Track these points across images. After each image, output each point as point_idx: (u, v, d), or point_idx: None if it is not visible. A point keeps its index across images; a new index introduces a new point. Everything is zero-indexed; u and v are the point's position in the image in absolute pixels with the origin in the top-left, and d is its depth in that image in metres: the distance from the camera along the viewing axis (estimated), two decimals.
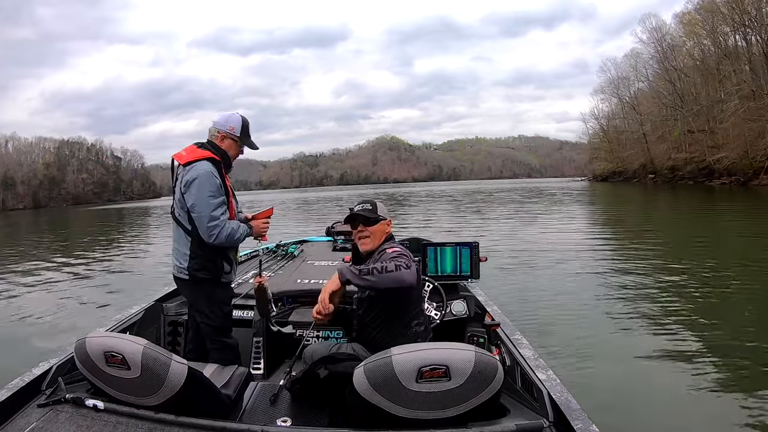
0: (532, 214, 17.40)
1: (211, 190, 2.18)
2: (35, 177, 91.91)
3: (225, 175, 2.29)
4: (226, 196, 2.26)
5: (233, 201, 2.34)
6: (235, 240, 2.27)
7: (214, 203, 2.18)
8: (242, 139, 2.33)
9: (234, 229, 2.24)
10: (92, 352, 1.49)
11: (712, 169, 35.58)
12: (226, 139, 2.30)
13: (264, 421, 1.72)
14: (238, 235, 2.26)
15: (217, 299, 2.36)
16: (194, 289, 2.34)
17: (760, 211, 15.77)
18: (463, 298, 2.76)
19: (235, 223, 2.28)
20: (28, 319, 5.50)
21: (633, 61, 49.86)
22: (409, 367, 1.34)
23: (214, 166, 2.22)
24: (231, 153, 2.32)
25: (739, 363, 3.47)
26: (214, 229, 2.18)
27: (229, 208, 2.28)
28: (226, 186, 2.28)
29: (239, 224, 2.30)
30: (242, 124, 2.32)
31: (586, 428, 1.39)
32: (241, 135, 2.32)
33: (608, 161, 56.39)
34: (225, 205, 2.24)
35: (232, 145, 2.32)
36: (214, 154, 2.25)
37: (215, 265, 2.29)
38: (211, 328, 2.35)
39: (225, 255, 2.32)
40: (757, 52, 32.81)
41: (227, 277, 2.37)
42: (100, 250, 12.58)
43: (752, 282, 5.88)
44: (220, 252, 2.29)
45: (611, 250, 8.92)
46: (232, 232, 2.22)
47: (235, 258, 2.42)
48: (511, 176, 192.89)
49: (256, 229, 2.39)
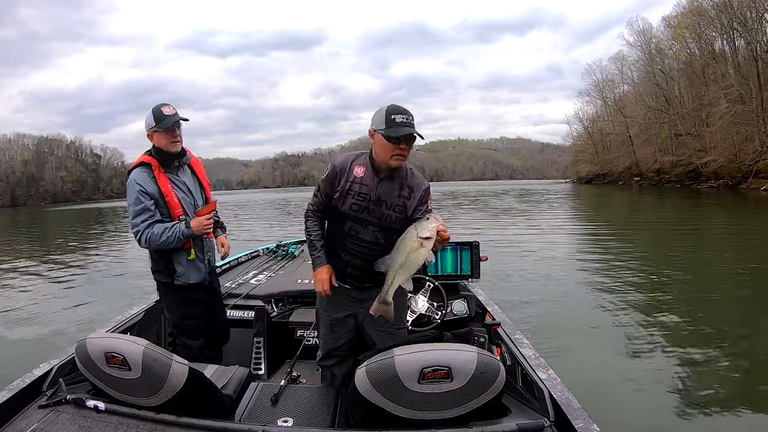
0: (526, 214, 17.63)
1: (131, 199, 2.22)
2: (13, 174, 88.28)
3: (162, 174, 2.26)
4: (162, 197, 2.24)
5: (174, 200, 2.25)
6: (164, 243, 2.22)
7: (133, 211, 2.21)
8: (159, 125, 2.22)
9: (156, 233, 2.20)
10: (93, 353, 1.48)
11: (700, 173, 35.58)
12: (153, 136, 2.26)
13: (265, 422, 1.71)
14: (164, 238, 2.21)
15: (170, 300, 2.38)
16: (158, 290, 2.42)
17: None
18: (463, 298, 2.74)
19: (160, 227, 2.21)
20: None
21: (619, 63, 49.99)
22: (411, 368, 1.34)
23: (143, 170, 2.24)
24: (162, 144, 2.25)
25: (740, 364, 3.48)
26: (136, 236, 2.22)
27: (170, 207, 2.25)
28: (159, 186, 2.24)
29: (165, 227, 2.21)
30: (153, 113, 2.24)
31: (587, 427, 1.39)
32: (156, 123, 2.23)
33: (593, 163, 56.50)
34: (148, 211, 2.21)
35: (158, 138, 2.25)
36: (149, 155, 2.26)
37: (167, 268, 2.31)
38: (172, 326, 2.47)
39: (176, 257, 2.30)
40: (746, 56, 32.76)
41: (180, 279, 2.32)
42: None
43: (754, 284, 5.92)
44: (167, 254, 2.29)
45: (610, 249, 8.85)
46: (154, 237, 2.20)
47: (195, 259, 2.32)
48: (493, 177, 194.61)
49: (198, 227, 2.26)
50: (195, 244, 2.32)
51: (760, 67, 31.28)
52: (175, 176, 2.30)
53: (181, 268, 2.31)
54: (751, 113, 31.49)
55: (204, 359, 2.28)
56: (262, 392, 1.92)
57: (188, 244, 2.29)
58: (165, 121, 2.21)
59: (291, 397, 1.87)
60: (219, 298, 2.64)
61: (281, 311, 2.90)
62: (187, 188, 2.33)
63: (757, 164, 29.58)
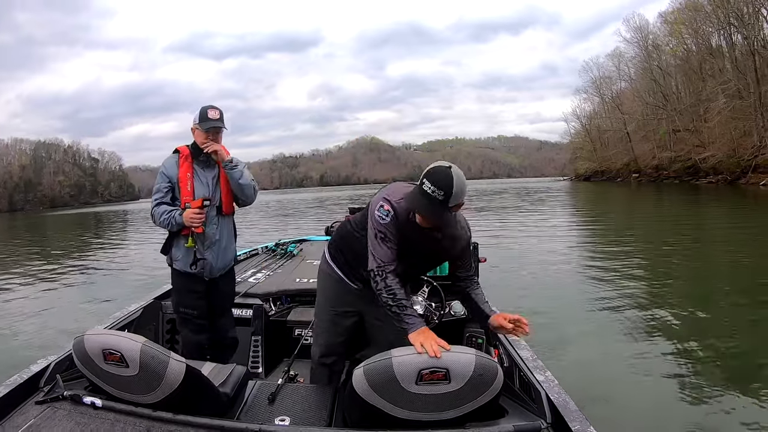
0: (525, 213, 17.57)
1: (157, 180, 2.45)
2: (11, 179, 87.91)
3: (186, 162, 2.42)
4: (178, 183, 2.40)
5: (187, 188, 2.40)
6: (162, 224, 2.39)
7: (153, 189, 2.45)
8: (200, 124, 2.41)
9: (158, 213, 2.39)
10: (90, 350, 1.48)
11: (698, 168, 35.58)
12: (194, 131, 2.44)
13: (262, 420, 1.70)
14: (162, 219, 2.38)
15: (173, 282, 2.53)
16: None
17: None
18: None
19: (164, 208, 2.39)
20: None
21: (616, 60, 50.01)
22: (409, 370, 1.34)
23: (173, 155, 2.45)
24: (199, 141, 2.43)
25: (741, 364, 3.45)
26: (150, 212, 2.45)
27: (181, 193, 2.40)
28: (179, 173, 2.41)
29: (166, 209, 2.38)
30: (199, 113, 2.42)
31: (584, 430, 1.39)
32: (199, 122, 2.41)
33: (591, 161, 56.52)
34: (160, 192, 2.40)
35: (197, 134, 2.43)
36: (187, 146, 2.46)
37: (167, 249, 2.47)
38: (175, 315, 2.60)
39: (176, 241, 2.43)
40: (743, 51, 32.73)
41: (178, 264, 2.45)
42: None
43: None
44: (171, 236, 2.44)
45: (609, 249, 8.76)
46: (156, 216, 2.40)
47: (192, 247, 2.40)
48: (491, 176, 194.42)
49: (186, 218, 2.36)
50: (195, 235, 2.39)
51: (757, 61, 31.24)
52: (200, 168, 2.43)
53: (179, 254, 2.43)
54: (749, 108, 31.45)
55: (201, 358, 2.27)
56: (259, 391, 1.92)
57: (186, 231, 2.38)
58: (205, 123, 2.39)
59: (288, 396, 1.87)
60: (224, 307, 2.61)
61: (279, 310, 2.92)
62: (207, 182, 2.43)
63: (756, 159, 29.55)
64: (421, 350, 1.39)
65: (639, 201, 23.65)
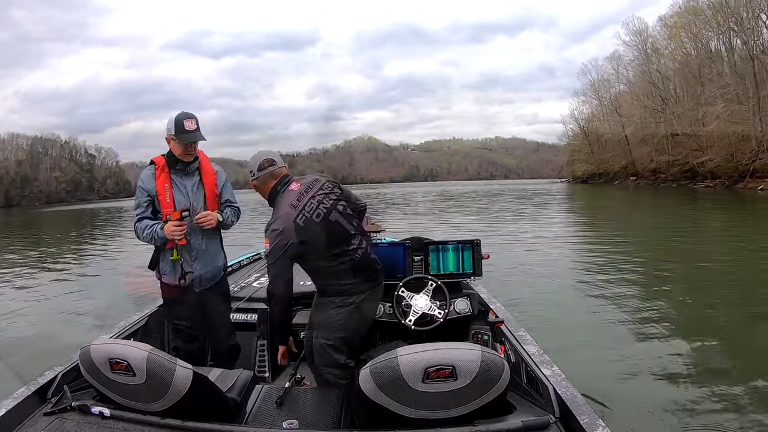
0: (525, 214, 17.79)
1: (136, 195, 2.41)
2: (7, 174, 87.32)
3: (163, 174, 2.34)
4: (157, 196, 2.34)
5: (166, 199, 2.33)
6: (145, 239, 2.35)
7: (134, 204, 2.40)
8: (177, 135, 2.30)
9: (140, 228, 2.35)
10: (97, 359, 1.49)
11: (696, 172, 35.65)
12: (169, 141, 2.35)
13: (270, 424, 1.72)
14: (145, 234, 2.34)
15: (163, 297, 2.52)
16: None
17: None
18: (466, 296, 2.73)
19: (146, 223, 2.35)
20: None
21: (614, 63, 50.00)
22: (415, 368, 1.35)
23: (149, 168, 2.38)
24: (177, 153, 2.34)
25: (742, 362, 3.46)
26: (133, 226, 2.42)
27: (162, 206, 2.34)
28: (156, 185, 2.34)
29: (148, 224, 2.33)
30: (175, 123, 2.30)
31: (593, 423, 1.39)
32: (176, 134, 2.30)
33: (588, 163, 56.46)
34: (140, 207, 2.36)
35: (174, 145, 2.34)
36: (162, 156, 2.38)
37: (154, 263, 2.44)
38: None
39: (163, 254, 2.40)
40: (742, 56, 32.77)
41: (166, 278, 2.42)
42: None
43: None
44: (157, 250, 2.41)
45: (610, 246, 8.89)
46: (139, 231, 2.36)
47: (178, 260, 2.35)
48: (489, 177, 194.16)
49: (166, 232, 2.29)
50: (180, 247, 2.34)
51: (756, 66, 31.35)
52: (178, 178, 2.36)
53: (166, 268, 2.39)
54: (747, 113, 31.56)
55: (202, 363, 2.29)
56: (266, 395, 1.93)
57: (171, 245, 2.33)
58: (183, 136, 2.29)
59: (296, 399, 1.89)
60: (220, 315, 2.55)
61: None
62: (186, 192, 2.36)
63: (754, 164, 29.67)
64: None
65: (638, 203, 23.76)
